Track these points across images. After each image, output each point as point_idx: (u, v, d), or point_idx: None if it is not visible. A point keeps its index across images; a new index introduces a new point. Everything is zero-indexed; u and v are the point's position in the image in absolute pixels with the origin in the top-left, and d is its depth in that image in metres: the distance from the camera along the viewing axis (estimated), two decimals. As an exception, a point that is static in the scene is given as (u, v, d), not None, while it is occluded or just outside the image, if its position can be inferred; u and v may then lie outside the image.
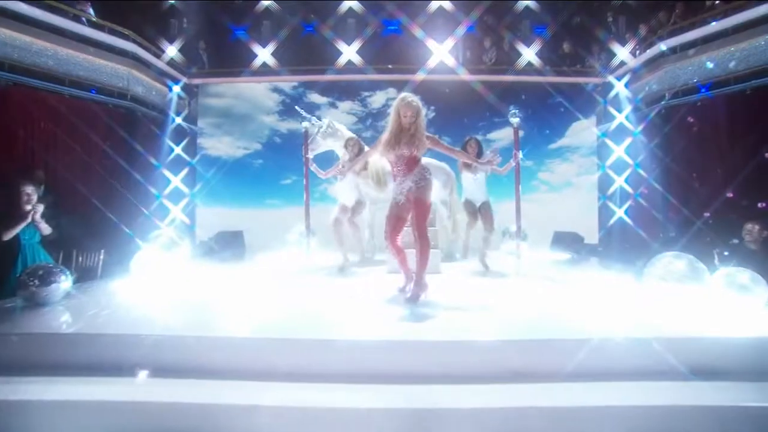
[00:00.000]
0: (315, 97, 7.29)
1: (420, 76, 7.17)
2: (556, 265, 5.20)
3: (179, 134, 7.04)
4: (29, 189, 3.46)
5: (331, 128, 4.90)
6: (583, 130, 7.50)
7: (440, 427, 1.84)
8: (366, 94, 7.22)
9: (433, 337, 2.28)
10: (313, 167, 4.62)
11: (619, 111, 7.24)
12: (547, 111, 7.44)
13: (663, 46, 6.66)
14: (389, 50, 7.28)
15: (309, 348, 2.21)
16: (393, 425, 1.87)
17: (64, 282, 2.91)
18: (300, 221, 5.21)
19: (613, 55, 7.41)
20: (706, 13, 6.39)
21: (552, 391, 2.00)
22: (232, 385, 2.04)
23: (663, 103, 6.69)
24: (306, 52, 7.27)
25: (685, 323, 2.48)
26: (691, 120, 6.48)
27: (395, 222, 3.04)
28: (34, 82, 5.43)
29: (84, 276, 3.98)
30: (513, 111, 4.02)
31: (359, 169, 4.53)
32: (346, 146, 4.59)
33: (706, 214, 6.09)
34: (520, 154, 4.03)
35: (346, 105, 7.26)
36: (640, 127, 7.02)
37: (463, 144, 4.37)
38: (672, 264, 2.90)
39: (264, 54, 7.16)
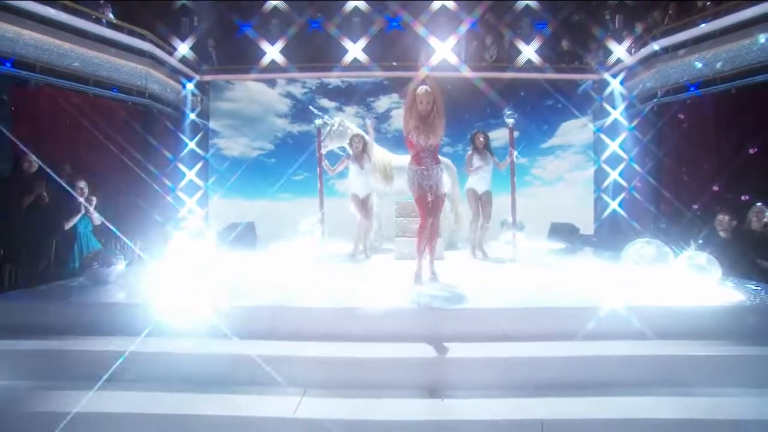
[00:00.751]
0: (324, 102, 7.89)
1: (423, 73, 7.69)
2: (551, 254, 5.80)
3: (193, 130, 7.59)
4: (82, 183, 4.02)
5: (342, 127, 5.44)
6: (578, 128, 8.08)
7: (446, 371, 2.43)
8: (371, 99, 7.88)
9: (439, 306, 2.87)
10: (324, 164, 5.15)
11: (614, 107, 7.78)
12: (545, 107, 8.00)
13: (656, 45, 7.18)
14: (393, 48, 7.79)
15: (337, 314, 2.79)
16: (409, 370, 2.45)
17: (120, 264, 3.48)
18: (310, 213, 5.77)
19: (609, 53, 7.92)
20: (696, 15, 6.91)
21: (537, 347, 2.58)
22: (274, 344, 2.60)
23: (655, 100, 7.23)
24: (312, 51, 7.78)
25: (653, 296, 3.05)
26: (681, 117, 7.03)
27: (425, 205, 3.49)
28: (62, 83, 5.95)
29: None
30: (508, 112, 4.55)
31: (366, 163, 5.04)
32: (350, 143, 5.08)
33: (695, 206, 6.68)
34: (515, 152, 4.59)
35: (352, 109, 7.84)
36: (634, 123, 7.57)
37: (472, 136, 4.94)
38: (643, 249, 3.49)
39: (272, 51, 7.67)
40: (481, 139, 4.84)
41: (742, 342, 2.62)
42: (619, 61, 7.87)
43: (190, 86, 7.53)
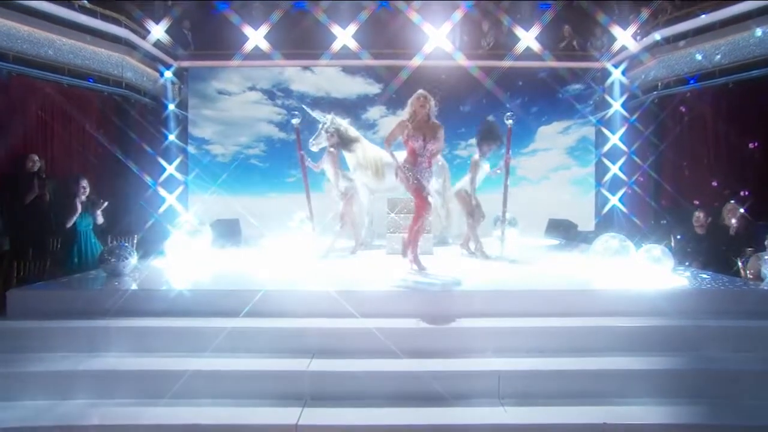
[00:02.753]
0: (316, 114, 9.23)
1: (417, 62, 8.93)
2: (542, 249, 7.08)
3: (172, 120, 8.70)
4: (84, 182, 5.15)
5: (333, 124, 6.59)
6: (573, 124, 9.43)
7: (429, 336, 3.64)
8: (360, 111, 9.62)
9: (422, 289, 4.10)
10: (308, 162, 6.27)
11: (614, 98, 9.09)
12: (543, 97, 9.31)
13: (657, 35, 8.48)
14: (385, 36, 8.97)
15: (339, 296, 3.97)
16: (398, 334, 3.64)
17: (133, 258, 4.63)
18: (299, 209, 6.96)
19: (613, 40, 9.18)
20: (697, 6, 8.20)
21: (498, 321, 3.79)
22: (284, 321, 3.78)
23: (656, 92, 8.54)
24: (299, 38, 8.92)
25: (615, 282, 4.30)
26: (683, 110, 8.36)
27: None
28: (36, 72, 6.99)
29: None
30: (508, 114, 5.62)
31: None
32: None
33: (696, 202, 8.02)
34: (510, 157, 5.73)
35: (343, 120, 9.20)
36: (636, 115, 8.88)
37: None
38: (608, 242, 4.74)
39: (254, 36, 8.77)
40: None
41: (682, 318, 3.86)
42: (622, 49, 9.13)
43: (168, 74, 8.63)
